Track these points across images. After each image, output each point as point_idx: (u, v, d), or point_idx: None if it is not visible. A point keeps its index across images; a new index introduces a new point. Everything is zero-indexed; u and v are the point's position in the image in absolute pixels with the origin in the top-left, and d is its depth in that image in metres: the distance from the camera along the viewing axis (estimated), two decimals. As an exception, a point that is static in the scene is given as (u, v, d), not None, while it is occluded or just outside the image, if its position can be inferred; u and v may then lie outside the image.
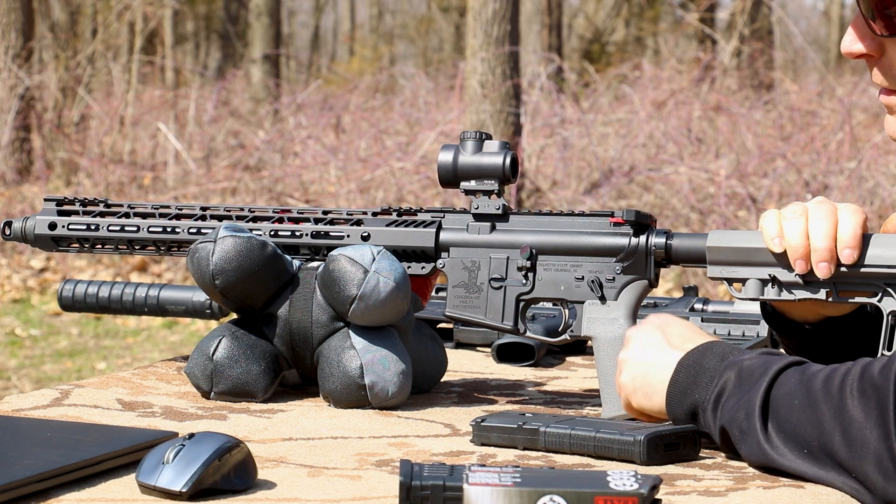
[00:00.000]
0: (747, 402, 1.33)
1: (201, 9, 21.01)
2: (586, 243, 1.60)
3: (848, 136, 7.94)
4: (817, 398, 1.29)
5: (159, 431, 1.37)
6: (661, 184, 7.99)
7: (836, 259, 1.48)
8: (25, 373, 6.12)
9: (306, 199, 8.50)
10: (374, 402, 1.60)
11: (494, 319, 1.62)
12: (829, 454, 1.27)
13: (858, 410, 1.26)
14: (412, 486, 1.14)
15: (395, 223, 1.68)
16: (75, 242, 1.78)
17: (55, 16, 12.95)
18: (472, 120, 7.98)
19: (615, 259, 1.59)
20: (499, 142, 1.64)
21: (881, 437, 1.24)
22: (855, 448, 1.26)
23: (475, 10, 7.90)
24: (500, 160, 1.63)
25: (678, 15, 17.16)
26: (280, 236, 1.70)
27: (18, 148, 10.22)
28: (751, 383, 1.34)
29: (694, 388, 1.40)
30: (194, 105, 10.11)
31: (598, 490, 1.13)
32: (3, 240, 1.78)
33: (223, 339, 1.63)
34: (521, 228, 1.64)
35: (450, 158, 1.65)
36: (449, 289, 1.64)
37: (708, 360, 1.40)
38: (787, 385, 1.32)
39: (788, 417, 1.31)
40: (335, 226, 1.70)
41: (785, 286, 1.51)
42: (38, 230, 1.78)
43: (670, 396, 1.42)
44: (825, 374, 1.31)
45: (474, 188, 1.64)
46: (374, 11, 25.06)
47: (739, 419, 1.34)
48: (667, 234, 1.58)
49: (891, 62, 1.45)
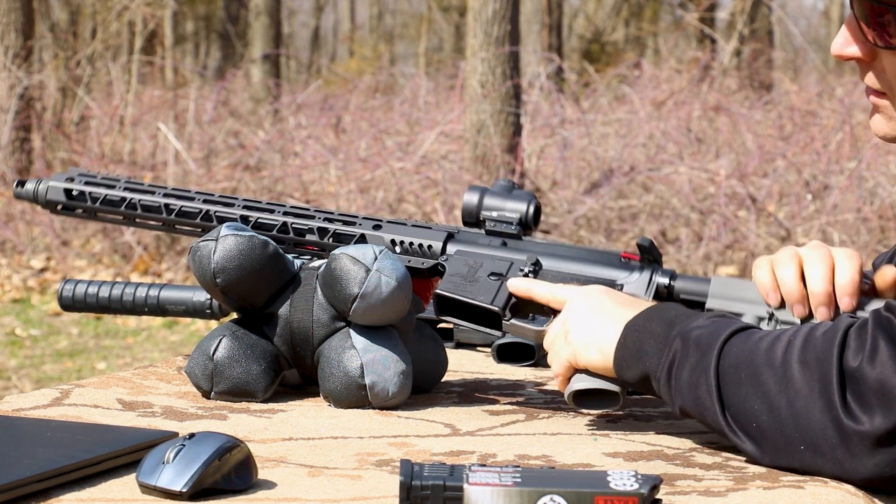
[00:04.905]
0: (700, 376, 1.35)
1: (201, 9, 21.02)
2: (592, 273, 1.61)
3: (848, 136, 7.94)
4: (761, 369, 1.31)
5: (159, 431, 1.37)
6: (661, 184, 8.00)
7: (834, 303, 1.48)
8: (25, 373, 6.12)
9: (306, 199, 8.50)
10: (374, 402, 1.60)
11: (485, 301, 1.61)
12: (777, 427, 1.30)
13: (802, 382, 1.28)
14: (412, 486, 1.14)
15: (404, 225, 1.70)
16: (86, 209, 1.76)
17: (55, 16, 12.95)
18: (472, 120, 7.98)
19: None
20: (527, 192, 1.66)
21: (824, 408, 1.26)
22: (801, 419, 1.28)
23: (475, 10, 7.90)
24: (524, 206, 1.65)
25: (678, 15, 17.16)
26: (295, 230, 1.70)
27: (18, 148, 10.22)
28: (700, 354, 1.36)
29: (643, 354, 1.41)
30: (194, 105, 10.11)
31: (599, 490, 1.13)
32: (13, 196, 1.78)
33: (223, 338, 1.63)
34: (531, 249, 1.65)
35: (475, 200, 1.67)
36: (445, 275, 1.65)
37: (655, 325, 1.41)
38: (732, 356, 1.34)
39: (736, 392, 1.33)
40: (347, 226, 1.71)
41: (781, 323, 1.51)
42: (52, 195, 1.76)
43: (619, 360, 1.43)
44: (768, 343, 1.33)
45: (495, 218, 1.66)
46: (374, 11, 25.08)
47: (696, 395, 1.35)
48: (671, 276, 1.60)
49: (883, 67, 1.43)
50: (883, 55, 1.42)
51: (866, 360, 1.25)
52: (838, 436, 1.26)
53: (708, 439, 1.47)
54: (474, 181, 7.73)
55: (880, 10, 1.39)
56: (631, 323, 1.43)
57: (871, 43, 1.41)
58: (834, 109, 8.68)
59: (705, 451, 1.42)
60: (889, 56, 1.41)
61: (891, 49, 1.40)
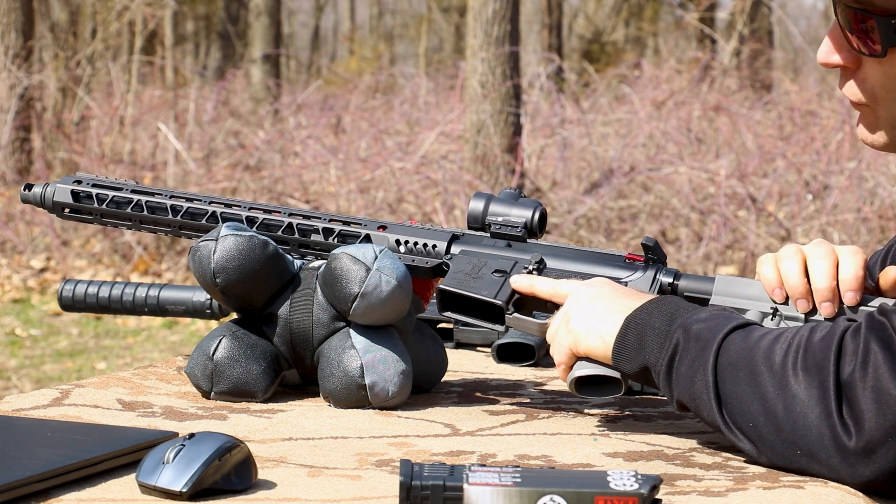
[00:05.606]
0: (698, 371, 1.35)
1: (201, 9, 21.02)
2: (596, 273, 1.61)
3: (848, 136, 7.94)
4: (760, 371, 1.32)
5: (159, 431, 1.37)
6: (661, 184, 7.99)
7: (838, 299, 1.48)
8: (25, 373, 6.12)
9: (306, 199, 8.50)
10: (374, 402, 1.60)
11: (489, 295, 1.61)
12: (775, 431, 1.30)
13: (801, 387, 1.28)
14: (412, 486, 1.14)
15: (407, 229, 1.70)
16: (92, 212, 1.76)
17: (55, 16, 12.96)
18: (472, 120, 7.98)
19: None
20: (533, 200, 1.66)
21: (822, 416, 1.27)
22: (798, 425, 1.28)
23: (475, 10, 7.90)
24: (529, 213, 1.65)
25: (678, 15, 17.16)
26: (301, 231, 1.70)
27: (18, 148, 10.22)
28: (699, 348, 1.36)
29: (643, 347, 1.41)
30: (194, 105, 10.10)
31: (599, 490, 1.13)
32: (21, 200, 1.79)
33: (223, 338, 1.63)
34: (535, 250, 1.65)
35: (482, 203, 1.67)
36: (449, 272, 1.64)
37: (656, 319, 1.42)
38: (731, 353, 1.34)
39: (734, 390, 1.33)
40: (351, 226, 1.71)
41: (785, 319, 1.51)
42: (59, 197, 1.76)
43: (618, 352, 1.43)
44: (767, 344, 1.33)
45: (501, 223, 1.66)
46: (374, 11, 25.08)
47: (693, 391, 1.36)
48: (675, 275, 1.59)
49: (865, 75, 1.41)
50: (866, 63, 1.41)
51: (859, 367, 1.25)
52: (834, 445, 1.26)
53: (708, 439, 1.47)
54: (474, 181, 7.73)
55: (863, 17, 1.38)
56: (632, 315, 1.43)
57: (856, 50, 1.40)
58: (834, 109, 8.68)
59: (705, 451, 1.42)
60: (872, 64, 1.40)
61: (874, 56, 1.39)
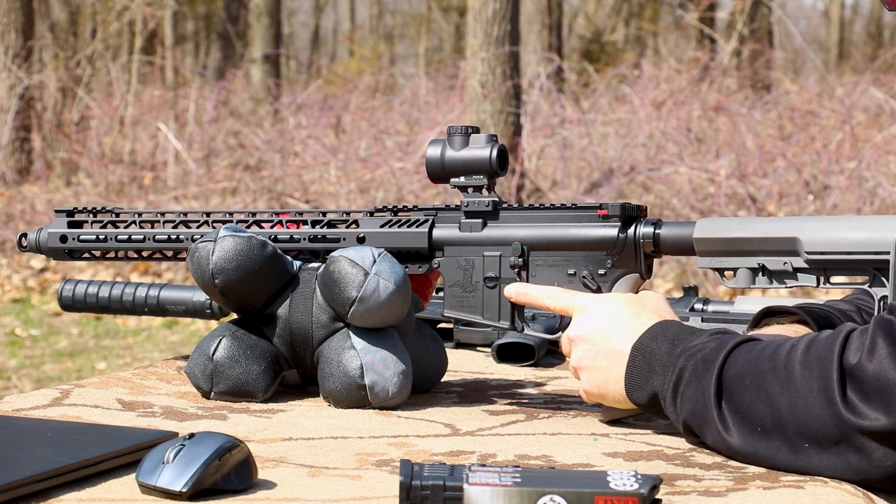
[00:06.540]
0: (702, 390, 1.36)
1: (201, 9, 21.02)
2: (576, 236, 1.60)
3: (848, 136, 7.94)
4: (765, 374, 1.33)
5: (159, 431, 1.37)
6: (661, 184, 7.99)
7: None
8: (25, 373, 6.12)
9: (306, 199, 8.50)
10: (374, 402, 1.60)
11: (492, 318, 1.62)
12: (780, 428, 1.31)
13: (804, 381, 1.30)
14: (412, 486, 1.14)
15: (388, 223, 1.68)
16: (87, 253, 1.79)
17: (55, 16, 12.95)
18: (472, 120, 7.98)
19: (605, 252, 1.59)
20: (486, 135, 1.63)
21: (824, 404, 1.28)
22: (801, 417, 1.29)
23: (475, 10, 7.90)
24: (486, 153, 1.63)
25: (678, 15, 17.16)
26: (279, 241, 1.71)
27: (18, 148, 10.22)
28: (703, 369, 1.37)
29: (651, 375, 1.43)
30: (194, 105, 10.11)
31: (599, 490, 1.13)
32: (20, 251, 1.86)
33: (223, 339, 1.63)
34: (511, 224, 1.63)
35: (437, 154, 1.64)
36: (445, 288, 1.65)
37: (660, 344, 1.43)
38: (737, 365, 1.35)
39: (742, 398, 1.34)
40: (332, 229, 1.70)
41: (775, 275, 1.52)
42: (51, 244, 1.82)
43: (630, 384, 1.45)
44: (772, 350, 1.35)
45: (463, 184, 1.64)
46: (374, 11, 25.06)
47: (698, 410, 1.37)
48: (654, 224, 1.58)
49: None
50: None
51: (865, 356, 1.26)
52: (840, 432, 1.27)
53: (708, 439, 1.47)
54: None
55: None
56: (637, 345, 1.45)
57: None
58: (834, 109, 8.68)
59: (705, 451, 1.42)
60: None
61: None
